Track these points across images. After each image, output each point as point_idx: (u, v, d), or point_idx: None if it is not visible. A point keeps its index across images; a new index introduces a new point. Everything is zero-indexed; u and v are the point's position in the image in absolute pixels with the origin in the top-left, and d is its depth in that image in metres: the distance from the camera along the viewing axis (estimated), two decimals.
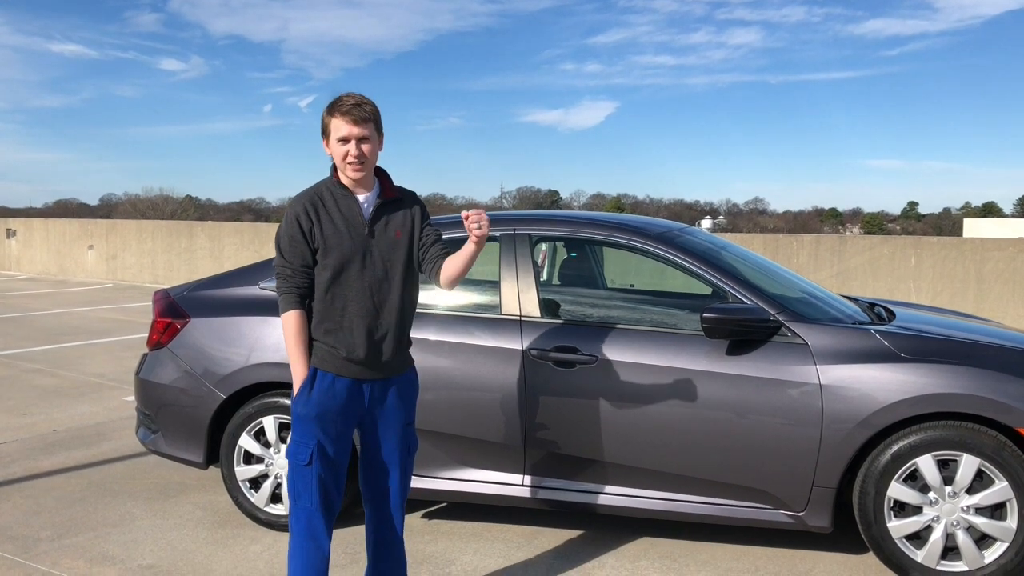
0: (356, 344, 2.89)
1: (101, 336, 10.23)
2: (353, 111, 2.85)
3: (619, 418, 3.74)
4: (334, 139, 2.89)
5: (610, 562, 3.80)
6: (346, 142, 2.86)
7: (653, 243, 3.98)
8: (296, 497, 2.94)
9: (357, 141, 2.86)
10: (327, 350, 2.91)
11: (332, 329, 2.90)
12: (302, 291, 2.92)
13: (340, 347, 2.89)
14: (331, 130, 2.89)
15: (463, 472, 3.98)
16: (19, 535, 4.06)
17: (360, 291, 2.90)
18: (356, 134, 2.85)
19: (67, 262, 19.34)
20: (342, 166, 2.90)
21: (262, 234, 16.68)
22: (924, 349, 3.58)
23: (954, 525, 3.47)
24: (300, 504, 2.93)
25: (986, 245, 10.34)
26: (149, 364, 4.41)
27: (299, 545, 2.95)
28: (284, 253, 2.93)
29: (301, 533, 2.95)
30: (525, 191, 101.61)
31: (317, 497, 2.92)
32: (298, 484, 2.93)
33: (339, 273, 2.89)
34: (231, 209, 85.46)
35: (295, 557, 2.97)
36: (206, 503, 4.52)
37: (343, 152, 2.87)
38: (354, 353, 2.89)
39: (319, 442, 2.90)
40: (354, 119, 2.85)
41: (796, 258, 11.33)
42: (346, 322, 2.90)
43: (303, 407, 2.91)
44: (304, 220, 2.89)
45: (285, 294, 2.93)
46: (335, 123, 2.88)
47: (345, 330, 2.89)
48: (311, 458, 2.89)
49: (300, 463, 2.91)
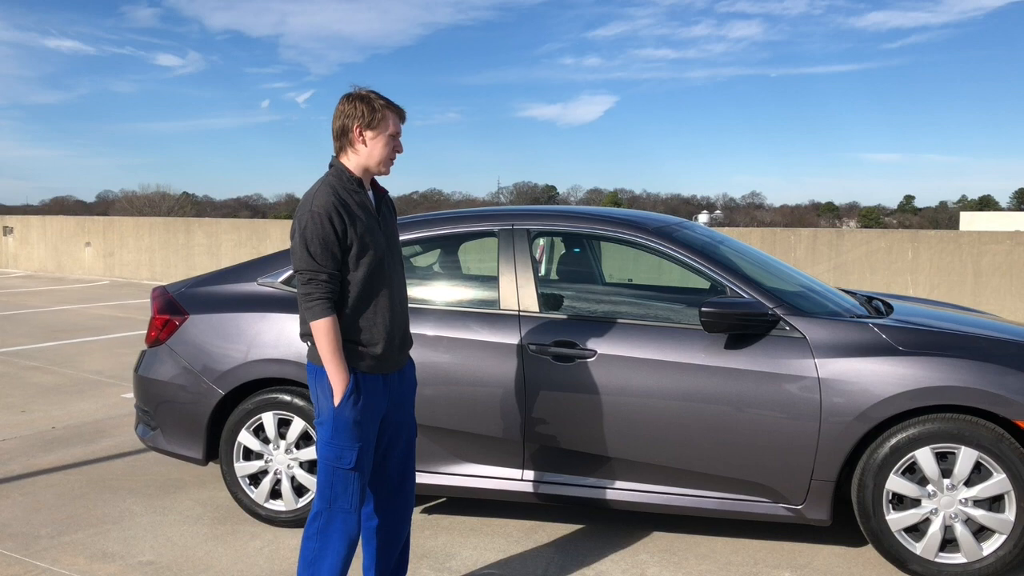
0: (393, 339, 2.92)
1: (99, 333, 10.23)
2: (402, 110, 2.95)
3: (618, 412, 3.74)
4: (386, 134, 2.90)
5: (610, 556, 3.81)
6: (396, 137, 2.93)
7: (651, 237, 3.99)
8: (333, 499, 2.89)
9: (399, 138, 2.96)
10: (364, 351, 2.88)
11: (369, 327, 2.88)
12: (335, 295, 2.82)
13: (377, 346, 2.89)
14: (386, 124, 2.90)
15: (462, 467, 3.98)
16: (19, 532, 4.06)
17: (390, 287, 2.92)
18: (400, 130, 2.96)
19: (64, 259, 19.32)
20: (381, 159, 2.92)
21: (259, 230, 16.67)
22: (922, 342, 3.59)
23: (952, 517, 3.48)
24: (337, 506, 2.89)
25: (983, 238, 10.35)
26: (148, 361, 4.41)
27: (334, 548, 2.90)
28: (316, 257, 2.77)
29: (336, 533, 2.89)
30: (522, 186, 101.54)
31: (357, 499, 2.91)
32: (337, 487, 2.88)
33: (375, 270, 2.87)
34: (228, 205, 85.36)
35: (328, 557, 2.90)
36: (205, 499, 4.53)
37: (391, 148, 2.93)
38: (389, 348, 2.92)
39: (362, 445, 2.88)
40: (402, 117, 2.96)
41: (793, 252, 11.34)
42: (379, 319, 2.89)
43: (353, 412, 2.84)
44: (337, 220, 2.78)
45: (319, 300, 2.78)
46: (392, 119, 2.92)
47: (383, 327, 2.89)
48: (358, 462, 2.88)
49: (344, 467, 2.86)
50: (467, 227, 4.27)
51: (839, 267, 11.05)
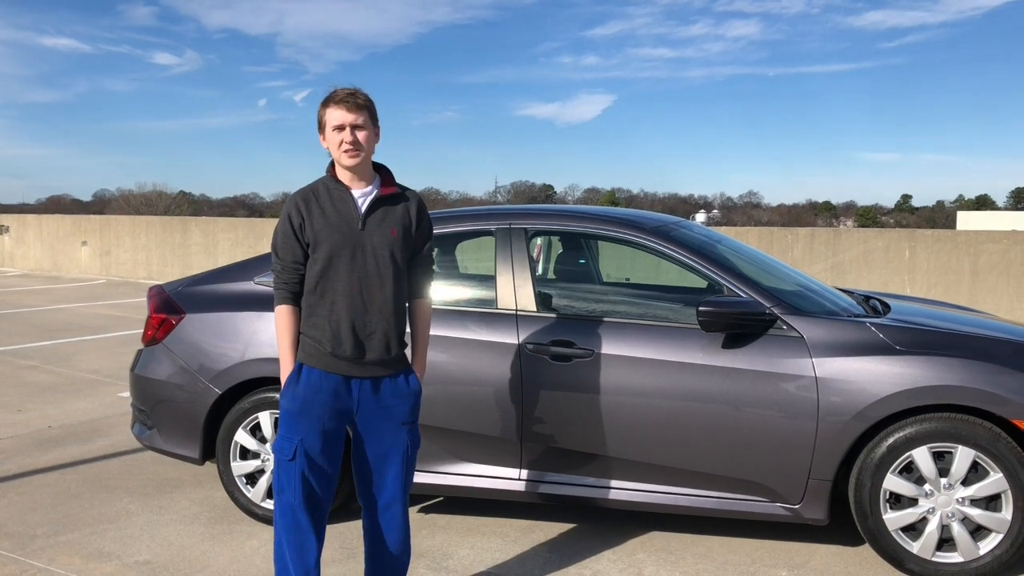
0: (343, 340, 2.88)
1: (96, 332, 10.21)
2: (347, 99, 2.88)
3: (615, 412, 3.74)
4: (329, 129, 2.90)
5: (607, 555, 3.81)
6: (341, 130, 2.88)
7: (648, 237, 3.98)
8: (280, 491, 2.94)
9: (351, 128, 2.87)
10: (313, 345, 2.90)
11: (319, 324, 2.90)
12: (292, 287, 2.94)
13: (326, 342, 2.89)
14: (326, 121, 2.91)
15: (459, 467, 3.98)
16: (15, 532, 4.05)
17: (349, 286, 2.88)
18: (350, 120, 2.87)
19: (61, 258, 19.28)
20: (338, 155, 2.90)
21: (256, 229, 16.65)
22: (919, 341, 3.59)
23: (949, 517, 3.48)
24: (283, 499, 2.93)
25: (980, 237, 10.36)
26: (144, 360, 4.40)
27: (282, 540, 2.96)
28: (277, 250, 2.96)
29: (286, 528, 2.94)
30: (519, 185, 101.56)
31: (300, 492, 2.91)
32: (282, 478, 2.93)
33: (328, 267, 2.88)
34: (225, 204, 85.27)
35: (279, 551, 2.97)
36: (202, 499, 4.52)
37: (338, 140, 2.88)
38: (340, 349, 2.88)
39: (303, 438, 2.89)
40: (348, 106, 2.88)
41: (791, 251, 11.34)
42: (333, 317, 2.89)
43: (288, 402, 2.91)
44: (295, 216, 2.92)
45: (277, 290, 2.96)
46: (329, 113, 2.90)
47: (332, 325, 2.89)
48: (295, 453, 2.89)
49: (284, 458, 2.91)
50: (464, 226, 4.26)
51: (836, 266, 11.06)
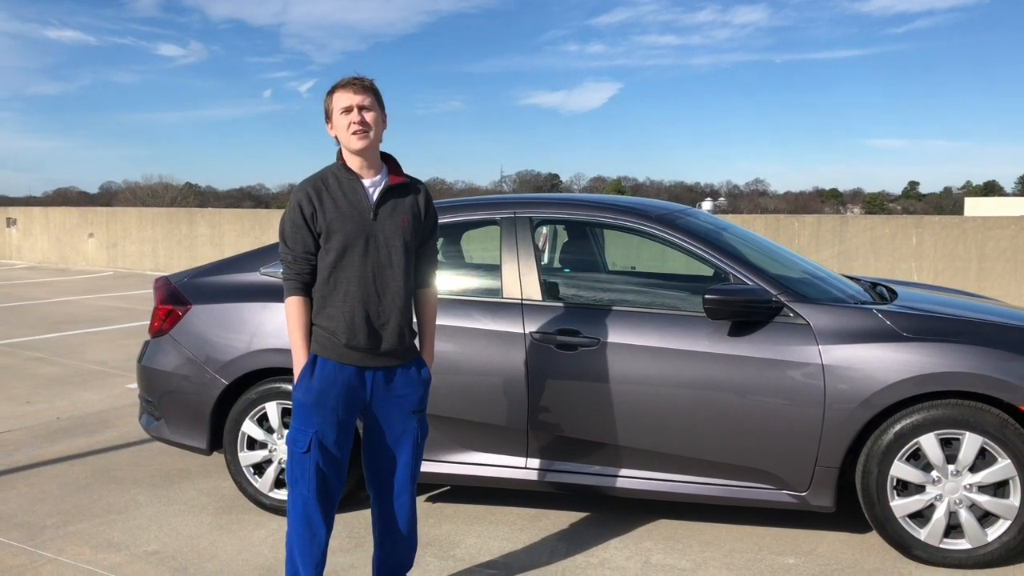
0: (357, 331, 2.87)
1: (103, 324, 10.24)
2: (353, 82, 2.90)
3: (622, 400, 3.74)
4: (336, 113, 2.89)
5: (614, 543, 3.82)
6: (348, 112, 2.87)
7: (654, 225, 3.97)
8: (293, 484, 2.94)
9: (359, 108, 2.87)
10: (327, 337, 2.89)
11: (333, 315, 2.89)
12: (303, 278, 2.92)
13: (340, 333, 2.88)
14: (333, 106, 2.91)
15: (467, 455, 3.98)
16: (25, 522, 4.08)
17: (362, 276, 2.88)
18: (357, 101, 2.88)
19: (67, 250, 19.33)
20: (346, 139, 2.89)
21: (262, 220, 16.67)
22: (926, 328, 3.57)
23: (957, 503, 3.48)
24: (297, 491, 2.93)
25: (988, 224, 10.32)
26: (151, 351, 4.41)
27: (295, 531, 2.96)
28: (287, 240, 2.93)
29: (297, 520, 2.95)
30: (525, 174, 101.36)
31: (314, 485, 2.91)
32: (295, 471, 2.93)
33: (341, 257, 2.87)
34: (231, 196, 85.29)
35: (291, 543, 2.98)
36: (210, 489, 4.54)
37: (346, 123, 2.87)
38: (354, 340, 2.88)
39: (318, 430, 2.89)
40: (355, 88, 2.89)
41: (797, 239, 11.31)
42: (347, 308, 2.88)
43: (303, 394, 2.90)
44: (306, 205, 2.89)
45: (287, 280, 2.93)
46: (336, 97, 2.90)
47: (346, 316, 2.87)
48: (309, 446, 2.89)
49: (299, 451, 2.91)
50: (470, 215, 4.26)
51: (843, 253, 11.02)
